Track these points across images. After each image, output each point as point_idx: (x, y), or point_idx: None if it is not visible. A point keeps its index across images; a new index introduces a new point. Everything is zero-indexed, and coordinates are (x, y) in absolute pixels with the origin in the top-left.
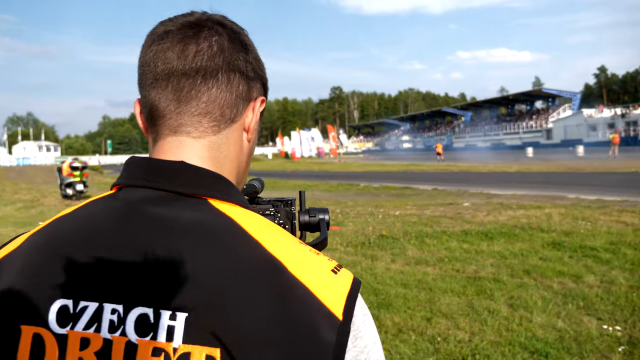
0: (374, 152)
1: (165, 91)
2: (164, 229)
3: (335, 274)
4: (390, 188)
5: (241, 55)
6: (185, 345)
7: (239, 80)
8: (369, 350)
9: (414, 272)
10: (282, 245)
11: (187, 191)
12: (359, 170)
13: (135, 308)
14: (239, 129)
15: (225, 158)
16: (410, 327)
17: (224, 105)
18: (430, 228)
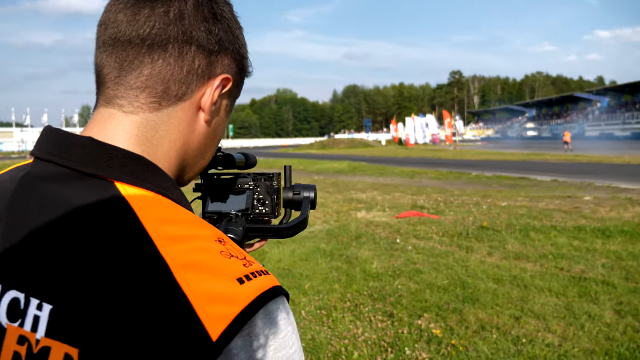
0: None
1: (109, 57)
2: (51, 211)
3: (240, 283)
4: (504, 178)
5: (204, 25)
6: (46, 339)
7: (194, 54)
8: None
9: (510, 267)
10: (182, 243)
11: (89, 171)
12: (473, 159)
13: (10, 290)
14: (190, 108)
15: (162, 138)
16: (494, 325)
17: (169, 81)
18: (538, 222)
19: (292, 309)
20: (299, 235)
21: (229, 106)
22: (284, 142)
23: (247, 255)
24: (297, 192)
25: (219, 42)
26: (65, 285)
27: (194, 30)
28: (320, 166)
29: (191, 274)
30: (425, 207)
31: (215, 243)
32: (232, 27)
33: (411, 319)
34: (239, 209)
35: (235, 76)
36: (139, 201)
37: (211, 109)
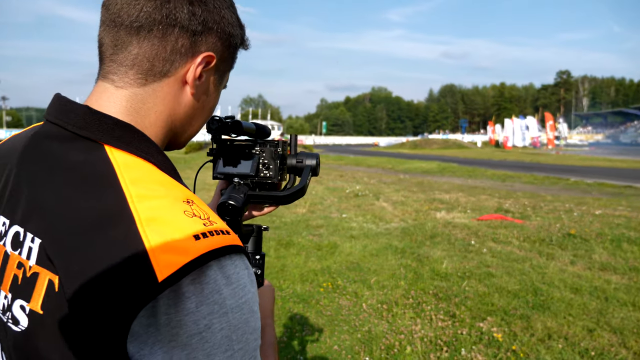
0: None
1: (107, 36)
2: (48, 163)
3: (196, 239)
4: (606, 185)
5: (188, 8)
6: (36, 266)
7: (178, 35)
8: (187, 324)
9: (592, 278)
10: (151, 201)
11: (83, 134)
12: (576, 164)
13: (14, 225)
14: (175, 83)
15: (149, 110)
16: (563, 335)
17: (154, 59)
18: (635, 233)
19: (354, 301)
20: (373, 231)
21: (218, 79)
22: (375, 141)
23: (212, 216)
24: (299, 159)
25: (203, 23)
26: (51, 224)
27: (177, 13)
28: (409, 165)
29: (152, 227)
30: (511, 211)
31: (182, 203)
32: (219, 7)
33: (473, 321)
34: (244, 172)
35: (221, 53)
36: (121, 162)
37: (195, 83)
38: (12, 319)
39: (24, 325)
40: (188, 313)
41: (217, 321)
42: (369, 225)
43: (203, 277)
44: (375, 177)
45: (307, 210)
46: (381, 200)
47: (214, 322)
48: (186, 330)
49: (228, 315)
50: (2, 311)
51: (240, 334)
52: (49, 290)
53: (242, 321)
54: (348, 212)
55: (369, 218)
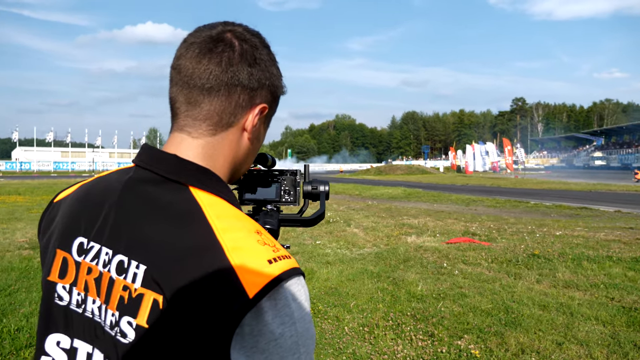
0: (559, 169)
1: (180, 94)
2: (146, 203)
3: (270, 264)
4: (564, 207)
5: (247, 69)
6: (141, 288)
7: (240, 92)
8: (265, 333)
9: (558, 295)
10: (233, 233)
11: (172, 177)
12: (535, 188)
13: (117, 254)
14: (237, 131)
15: (219, 155)
16: (535, 349)
17: (222, 113)
18: (594, 251)
19: (336, 325)
20: (348, 257)
21: (266, 124)
22: (340, 167)
23: (276, 244)
24: (314, 186)
25: (258, 81)
26: (154, 253)
27: (239, 75)
28: (375, 192)
29: (237, 254)
30: (477, 234)
31: (254, 234)
32: (269, 65)
33: (451, 340)
34: (270, 197)
35: (270, 103)
36: (205, 201)
37: (252, 130)
38: (121, 332)
39: (132, 338)
40: (266, 324)
41: (287, 330)
42: (343, 251)
43: (277, 295)
44: (343, 203)
45: (280, 238)
46: (352, 227)
47: (286, 331)
48: (264, 338)
49: (296, 325)
50: (110, 327)
51: (304, 339)
52: (154, 308)
53: (305, 329)
54: (321, 238)
55: (342, 244)
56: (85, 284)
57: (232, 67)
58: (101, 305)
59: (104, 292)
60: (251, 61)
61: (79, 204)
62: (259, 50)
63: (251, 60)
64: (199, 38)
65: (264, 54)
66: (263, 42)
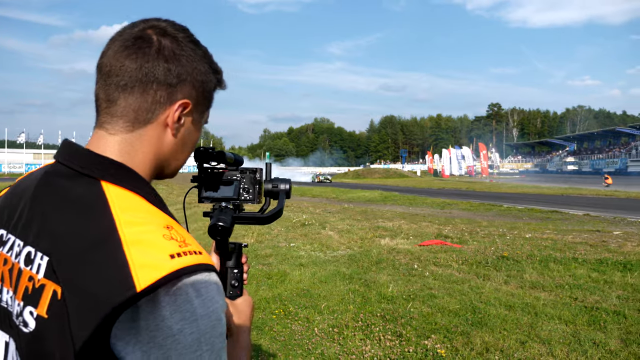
0: (532, 173)
1: (101, 92)
2: (57, 196)
3: (172, 258)
4: (535, 211)
5: (163, 65)
6: (43, 279)
7: (156, 89)
8: (163, 328)
9: (524, 296)
10: (136, 227)
11: (85, 172)
12: (508, 192)
13: (27, 246)
14: (158, 127)
15: (137, 151)
16: (499, 348)
17: (138, 110)
18: (560, 253)
19: (307, 326)
20: (321, 259)
21: (197, 119)
22: (318, 170)
23: (187, 240)
24: (275, 185)
25: (178, 77)
26: (57, 245)
27: (155, 71)
28: (352, 195)
29: (136, 247)
30: (450, 237)
31: (162, 229)
32: (192, 61)
33: (419, 339)
34: (228, 196)
35: (196, 98)
36: (114, 195)
37: (175, 126)
38: (23, 322)
39: (32, 328)
40: (164, 319)
41: (188, 327)
42: (317, 254)
43: (176, 290)
44: (320, 206)
45: (255, 240)
46: (327, 229)
47: (186, 328)
48: (162, 333)
49: (198, 322)
50: (16, 316)
51: (207, 337)
52: (53, 299)
53: (210, 327)
54: (296, 241)
55: (317, 246)
56: (1, 275)
57: (148, 64)
58: (12, 296)
59: (14, 282)
60: (169, 57)
61: (5, 199)
62: (181, 46)
63: (169, 56)
64: (121, 36)
65: (187, 49)
66: (188, 37)
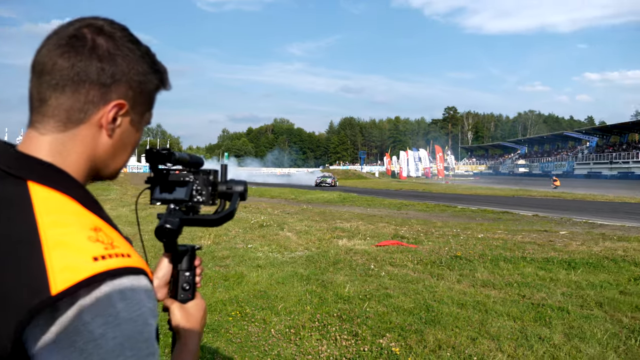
0: (486, 175)
1: (34, 90)
2: None
3: (95, 260)
4: (488, 212)
5: (96, 64)
6: None
7: (89, 88)
8: (83, 332)
9: (475, 294)
10: (60, 228)
11: (12, 172)
12: (463, 193)
13: None
14: (91, 127)
15: (70, 152)
16: (450, 345)
17: (70, 110)
18: (510, 253)
19: (263, 328)
20: (279, 260)
21: (135, 119)
22: (277, 171)
23: (115, 242)
24: (229, 186)
25: (112, 76)
26: None
27: (88, 71)
28: (311, 196)
29: (56, 249)
30: (406, 237)
31: (88, 230)
32: (129, 60)
33: (374, 338)
34: (180, 197)
35: (133, 98)
36: (39, 196)
37: (110, 126)
38: None
39: None
40: (84, 323)
41: (111, 331)
42: (274, 255)
43: (98, 293)
44: (278, 207)
45: (212, 242)
46: (285, 230)
47: (108, 332)
48: (82, 337)
49: (121, 326)
50: None
51: (132, 342)
52: None
53: (136, 332)
54: (253, 242)
55: (275, 248)
56: None
57: (80, 63)
58: None
59: None
60: (103, 56)
61: None
62: (117, 45)
63: (103, 55)
64: (56, 34)
65: (124, 48)
66: (126, 36)
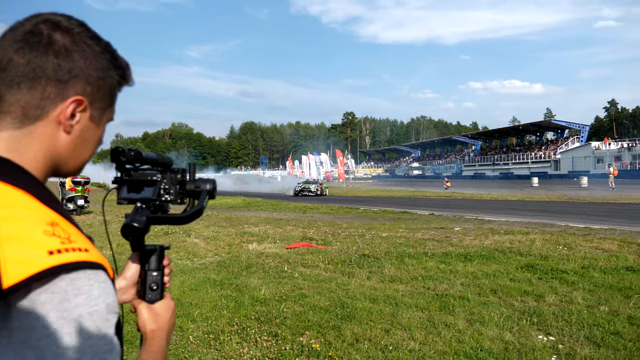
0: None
1: None
2: None
3: (50, 254)
4: (388, 212)
5: (53, 60)
6: None
7: (45, 84)
8: (37, 328)
9: (385, 289)
10: (13, 222)
11: None
12: (363, 195)
13: None
14: (49, 124)
15: (27, 148)
16: (367, 337)
17: (26, 106)
18: (413, 249)
19: (180, 335)
20: (189, 267)
21: (96, 116)
22: None
23: (72, 237)
24: (197, 185)
25: (69, 72)
26: None
27: (43, 67)
28: (215, 202)
29: (11, 243)
30: (315, 239)
31: (44, 225)
32: (86, 55)
33: (294, 337)
34: (147, 197)
35: (92, 95)
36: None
37: (69, 123)
38: None
39: None
40: (38, 318)
41: (66, 326)
42: (184, 262)
43: (53, 287)
44: None
45: (115, 252)
46: (192, 237)
47: (63, 327)
48: (36, 333)
49: (77, 321)
50: None
51: (89, 338)
52: None
53: (93, 327)
54: None
55: (183, 255)
56: None
57: (36, 59)
58: None
59: None
60: (60, 52)
61: None
62: (74, 40)
63: (60, 51)
64: (12, 30)
65: (82, 44)
66: (85, 31)
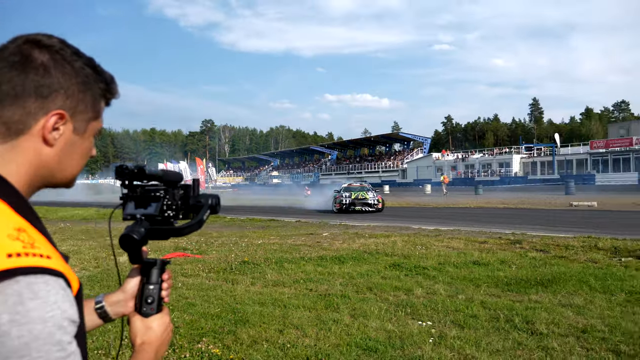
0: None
1: None
2: None
3: (8, 257)
4: (256, 220)
5: (34, 78)
6: None
7: (26, 100)
8: None
9: (271, 293)
10: None
11: None
12: (227, 204)
13: None
14: (31, 138)
15: (10, 161)
16: (263, 338)
17: (8, 122)
18: (290, 255)
19: None
20: None
21: (80, 128)
22: None
23: (37, 243)
24: (199, 200)
25: (49, 87)
26: None
27: (24, 84)
28: (64, 213)
29: None
30: (189, 248)
31: (10, 229)
32: (66, 71)
33: (191, 345)
34: (150, 213)
35: (73, 108)
36: None
37: (52, 136)
38: None
39: None
40: None
41: (16, 329)
42: None
43: (8, 289)
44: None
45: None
46: None
47: (13, 330)
48: None
49: (29, 325)
50: None
51: (40, 344)
52: None
53: (45, 333)
54: None
55: None
56: None
57: (17, 77)
58: None
59: None
60: (38, 69)
61: None
62: (53, 57)
63: (38, 68)
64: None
65: (61, 60)
66: (64, 48)
